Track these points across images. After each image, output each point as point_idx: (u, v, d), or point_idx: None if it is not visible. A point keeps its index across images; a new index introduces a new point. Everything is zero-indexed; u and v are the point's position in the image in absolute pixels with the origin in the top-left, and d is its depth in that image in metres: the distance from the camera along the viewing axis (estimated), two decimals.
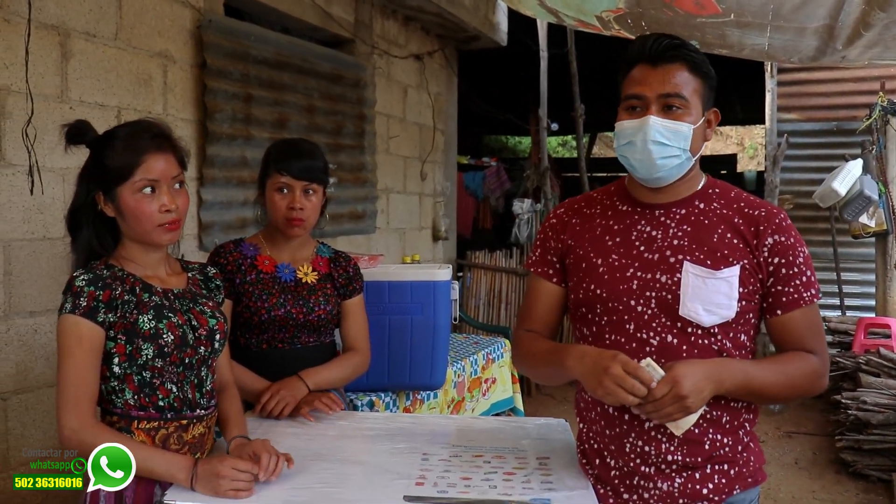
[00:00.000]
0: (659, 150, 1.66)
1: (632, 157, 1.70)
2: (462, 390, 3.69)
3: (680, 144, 1.67)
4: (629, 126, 1.69)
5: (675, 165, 1.69)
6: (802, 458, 5.22)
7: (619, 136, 1.72)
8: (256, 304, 2.27)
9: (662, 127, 1.65)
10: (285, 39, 4.42)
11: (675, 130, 1.66)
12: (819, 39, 3.67)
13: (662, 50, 1.67)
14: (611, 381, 1.54)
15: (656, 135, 1.65)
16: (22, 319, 2.89)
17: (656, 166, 1.68)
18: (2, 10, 2.78)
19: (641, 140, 1.66)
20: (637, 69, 1.70)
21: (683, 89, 1.66)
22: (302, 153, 2.31)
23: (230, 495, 1.59)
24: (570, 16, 4.42)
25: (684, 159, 1.69)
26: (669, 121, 1.66)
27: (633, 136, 1.68)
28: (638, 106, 1.69)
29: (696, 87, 1.69)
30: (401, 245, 6.02)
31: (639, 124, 1.67)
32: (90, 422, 1.65)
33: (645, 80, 1.68)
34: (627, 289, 1.71)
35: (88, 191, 1.74)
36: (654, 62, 1.67)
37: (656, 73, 1.67)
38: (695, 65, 1.68)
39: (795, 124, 7.20)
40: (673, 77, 1.66)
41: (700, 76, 1.69)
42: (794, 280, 1.69)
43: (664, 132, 1.65)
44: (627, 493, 1.74)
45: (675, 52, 1.67)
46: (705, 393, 1.56)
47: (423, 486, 1.68)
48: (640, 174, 1.73)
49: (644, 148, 1.66)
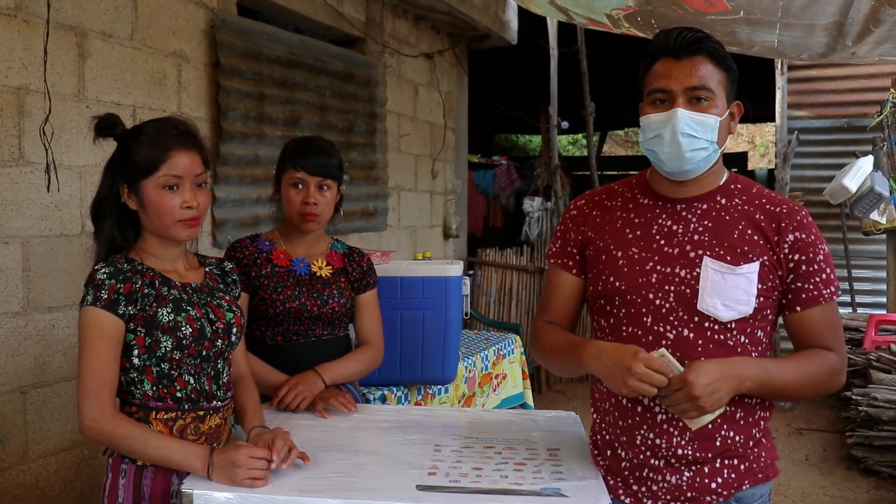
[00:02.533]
0: (688, 143, 1.66)
1: (660, 151, 1.70)
2: (473, 385, 3.72)
3: (708, 136, 1.67)
4: (656, 119, 1.69)
5: (704, 158, 1.69)
6: (813, 454, 5.22)
7: (645, 129, 1.72)
8: (272, 297, 2.32)
9: (690, 119, 1.65)
10: (297, 38, 4.45)
11: (703, 122, 1.66)
12: (829, 36, 3.68)
13: (687, 43, 1.66)
14: (636, 381, 1.56)
15: (685, 127, 1.65)
16: (40, 315, 2.94)
17: (685, 159, 1.68)
18: (21, 12, 2.82)
19: (670, 133, 1.66)
20: (661, 63, 1.70)
21: (709, 81, 1.66)
22: (317, 150, 2.36)
23: (246, 483, 1.62)
24: (580, 14, 4.44)
25: (711, 151, 1.69)
26: (697, 113, 1.66)
27: (661, 130, 1.68)
28: (664, 99, 1.68)
29: (721, 80, 1.69)
30: (412, 243, 6.05)
31: (666, 117, 1.67)
32: (110, 412, 1.69)
33: (670, 74, 1.67)
34: (646, 282, 1.72)
35: (113, 183, 1.78)
36: (678, 55, 1.67)
37: (681, 66, 1.66)
38: (718, 57, 1.68)
39: (806, 121, 7.19)
40: (698, 70, 1.66)
41: (723, 69, 1.69)
42: (815, 277, 1.69)
43: (692, 124, 1.65)
44: (637, 485, 1.75)
45: (699, 44, 1.67)
46: (721, 394, 1.57)
47: (435, 476, 1.70)
48: (668, 167, 1.72)
49: (673, 140, 1.66)
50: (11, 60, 2.80)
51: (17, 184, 2.84)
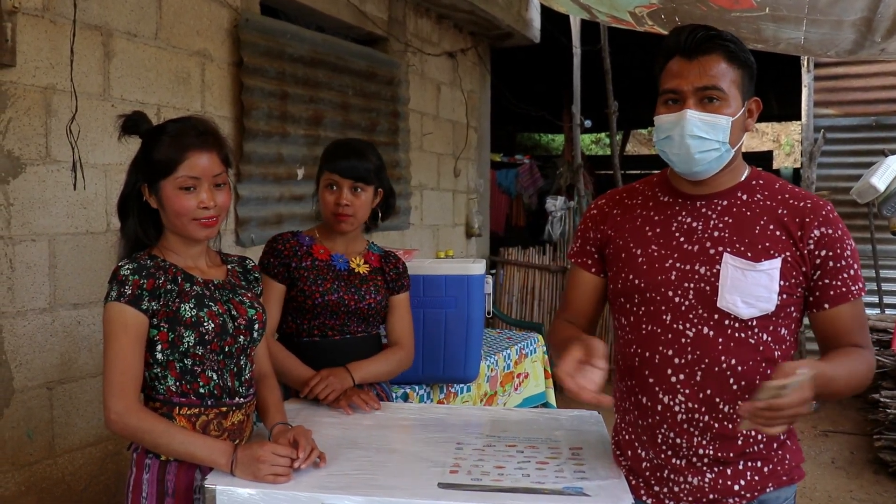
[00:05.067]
0: (697, 145, 1.64)
1: (670, 152, 1.69)
2: (495, 384, 3.71)
3: (718, 137, 1.64)
4: (666, 120, 1.68)
5: (714, 159, 1.67)
6: (839, 457, 5.15)
7: (657, 130, 1.71)
8: (311, 288, 2.35)
9: (700, 121, 1.63)
10: (320, 37, 4.47)
11: (713, 124, 1.64)
12: (857, 32, 3.63)
13: (698, 42, 1.64)
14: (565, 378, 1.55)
15: (694, 129, 1.63)
16: (66, 311, 2.97)
17: (694, 160, 1.66)
18: (48, 12, 2.85)
19: (679, 134, 1.65)
20: (673, 62, 1.68)
21: (721, 81, 1.64)
22: (351, 153, 2.39)
23: (269, 480, 1.63)
24: (603, 12, 4.42)
25: (723, 152, 1.67)
26: (707, 114, 1.64)
27: (671, 131, 1.67)
28: (675, 100, 1.67)
29: (734, 78, 1.66)
30: (434, 241, 6.05)
31: (676, 118, 1.65)
32: (135, 406, 1.70)
33: (681, 74, 1.65)
34: (666, 279, 1.71)
35: (136, 181, 1.80)
36: (689, 55, 1.65)
37: (692, 65, 1.64)
38: (732, 55, 1.65)
39: (833, 119, 7.09)
40: (710, 69, 1.63)
41: (738, 66, 1.66)
42: (842, 274, 1.66)
43: (702, 126, 1.63)
44: (658, 486, 1.74)
45: (710, 43, 1.64)
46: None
47: (457, 474, 1.70)
48: (679, 168, 1.72)
49: (682, 142, 1.65)
50: (39, 60, 2.84)
51: (45, 182, 2.88)
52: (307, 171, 4.30)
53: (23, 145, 2.79)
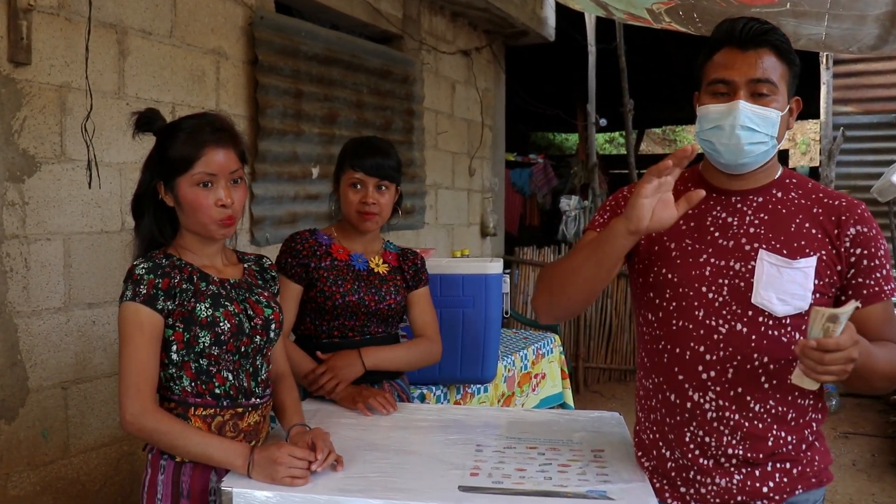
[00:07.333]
0: (748, 136, 1.62)
1: (717, 142, 1.66)
2: (512, 385, 3.67)
3: (768, 131, 1.63)
4: (716, 111, 1.65)
5: (762, 152, 1.66)
6: (861, 459, 5.09)
7: (703, 120, 1.68)
8: (332, 289, 2.32)
9: (752, 112, 1.61)
10: (335, 35, 4.44)
11: (765, 116, 1.62)
12: (881, 27, 3.57)
13: (753, 34, 1.62)
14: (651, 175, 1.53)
15: (746, 120, 1.61)
16: (81, 311, 2.96)
17: (744, 152, 1.64)
18: (64, 10, 2.84)
19: (730, 125, 1.62)
20: (723, 53, 1.66)
21: (772, 75, 1.62)
22: (375, 150, 2.37)
23: (286, 482, 1.60)
24: (619, 9, 4.37)
25: (770, 146, 1.66)
26: (759, 107, 1.62)
27: (721, 121, 1.64)
28: (725, 91, 1.65)
29: (783, 74, 1.64)
30: (449, 241, 6.02)
31: (727, 109, 1.63)
32: (151, 407, 1.68)
33: (733, 65, 1.63)
34: (699, 274, 1.68)
35: (151, 179, 1.78)
36: (743, 46, 1.63)
37: (745, 57, 1.62)
38: (783, 51, 1.64)
39: (852, 117, 7.02)
40: (762, 62, 1.62)
41: (787, 63, 1.65)
42: (876, 273, 1.65)
43: (753, 118, 1.62)
44: (684, 487, 1.71)
45: (764, 36, 1.63)
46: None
47: (477, 477, 1.67)
48: (724, 159, 1.68)
49: (732, 133, 1.63)
50: (54, 58, 2.82)
51: (59, 181, 2.86)
52: (322, 170, 4.28)
53: (38, 144, 2.78)
